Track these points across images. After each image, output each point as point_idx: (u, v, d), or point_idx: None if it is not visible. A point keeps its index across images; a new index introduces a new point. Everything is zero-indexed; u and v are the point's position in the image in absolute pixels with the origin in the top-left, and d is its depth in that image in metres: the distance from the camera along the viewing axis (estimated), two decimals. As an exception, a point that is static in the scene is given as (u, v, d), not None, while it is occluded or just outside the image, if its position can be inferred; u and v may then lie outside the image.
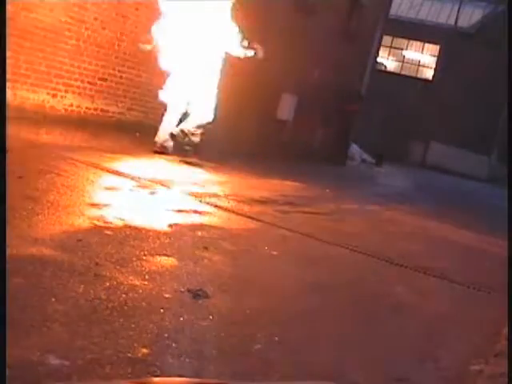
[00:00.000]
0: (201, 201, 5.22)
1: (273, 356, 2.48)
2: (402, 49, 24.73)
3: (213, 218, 4.75)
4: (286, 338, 2.72)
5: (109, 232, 3.71)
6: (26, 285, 2.57)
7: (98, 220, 3.91)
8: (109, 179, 5.40)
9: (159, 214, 4.57)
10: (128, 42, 8.94)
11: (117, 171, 5.66)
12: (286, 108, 13.49)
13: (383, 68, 24.01)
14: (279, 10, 12.24)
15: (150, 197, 5.03)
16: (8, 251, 2.30)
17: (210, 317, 2.72)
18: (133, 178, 5.49)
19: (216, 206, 5.13)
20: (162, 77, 9.62)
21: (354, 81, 16.02)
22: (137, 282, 2.96)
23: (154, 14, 9.21)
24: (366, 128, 18.53)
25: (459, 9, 23.23)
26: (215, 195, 5.64)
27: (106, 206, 4.39)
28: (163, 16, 8.12)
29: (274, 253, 4.11)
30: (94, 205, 4.34)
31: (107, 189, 5.06)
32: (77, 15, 8.05)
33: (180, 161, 7.66)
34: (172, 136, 8.15)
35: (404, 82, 22.95)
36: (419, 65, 24.66)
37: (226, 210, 5.11)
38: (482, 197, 15.38)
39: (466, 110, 22.46)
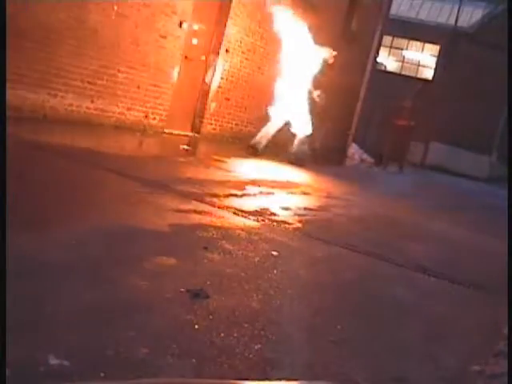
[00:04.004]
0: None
1: (273, 356, 2.48)
2: (401, 49, 24.72)
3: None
4: (285, 338, 2.73)
5: (111, 232, 3.72)
6: (26, 284, 2.57)
7: (101, 219, 3.91)
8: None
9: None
10: (128, 42, 8.95)
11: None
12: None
13: (383, 68, 24.00)
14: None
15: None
16: (8, 251, 2.30)
17: (210, 317, 2.72)
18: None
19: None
20: (163, 77, 9.65)
21: (354, 81, 16.05)
22: (137, 282, 2.96)
23: (154, 13, 9.23)
24: (366, 128, 18.56)
25: (459, 9, 23.20)
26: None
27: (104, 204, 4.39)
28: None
29: (274, 253, 4.11)
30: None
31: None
32: (77, 15, 8.05)
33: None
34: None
35: (404, 81, 22.93)
36: (419, 65, 24.64)
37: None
38: (482, 197, 15.38)
39: (466, 109, 22.45)
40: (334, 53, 11.08)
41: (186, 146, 9.56)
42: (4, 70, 3.33)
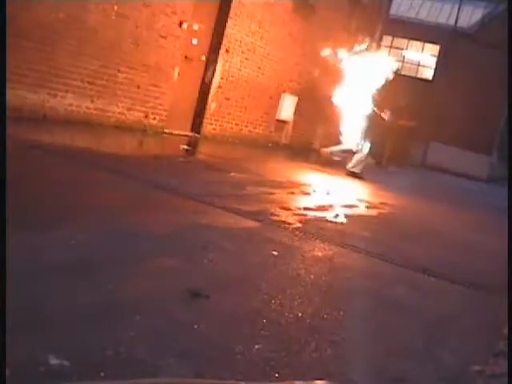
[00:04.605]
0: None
1: (273, 356, 2.48)
2: (402, 49, 24.71)
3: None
4: (286, 338, 2.72)
5: (110, 232, 3.71)
6: (26, 284, 2.57)
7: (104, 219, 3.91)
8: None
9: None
10: (128, 42, 8.95)
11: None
12: (287, 108, 13.50)
13: (383, 68, 23.96)
14: (278, 10, 12.25)
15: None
16: (8, 251, 2.29)
17: (210, 317, 2.72)
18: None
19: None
20: (163, 77, 9.64)
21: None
22: (137, 282, 2.96)
23: (154, 13, 9.23)
24: (366, 128, 18.50)
25: (459, 9, 23.19)
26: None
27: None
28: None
29: (274, 253, 4.11)
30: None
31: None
32: (77, 15, 8.05)
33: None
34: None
35: (404, 81, 22.92)
36: (419, 65, 24.64)
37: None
38: (482, 197, 15.38)
39: (466, 109, 22.44)
40: (397, 65, 11.29)
41: (186, 146, 9.57)
42: (4, 69, 3.33)
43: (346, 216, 6.39)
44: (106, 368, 2.05)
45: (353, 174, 10.67)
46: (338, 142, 11.26)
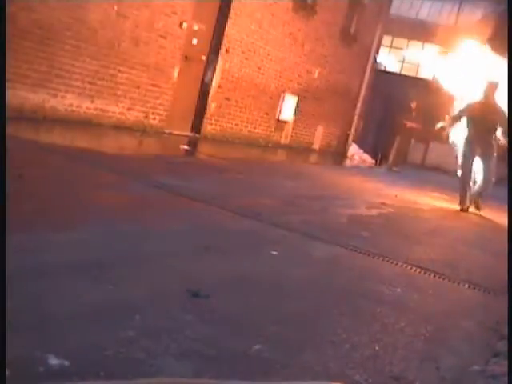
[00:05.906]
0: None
1: (273, 356, 2.48)
2: (401, 49, 24.71)
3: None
4: (286, 338, 2.72)
5: (111, 232, 3.71)
6: (26, 284, 2.57)
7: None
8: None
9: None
10: (128, 42, 8.95)
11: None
12: (287, 108, 13.51)
13: (383, 68, 23.99)
14: (278, 10, 12.27)
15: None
16: (8, 251, 2.29)
17: (210, 316, 2.72)
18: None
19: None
20: (163, 77, 9.64)
21: (354, 81, 16.06)
22: (137, 282, 2.96)
23: (154, 13, 9.23)
24: (366, 128, 18.54)
25: (459, 9, 23.20)
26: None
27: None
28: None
29: (274, 253, 4.11)
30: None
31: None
32: (77, 15, 8.05)
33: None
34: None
35: (404, 81, 22.91)
36: (419, 65, 24.63)
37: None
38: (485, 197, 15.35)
39: (466, 110, 22.41)
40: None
41: (186, 146, 9.57)
42: (4, 70, 3.33)
43: (345, 216, 6.39)
44: (105, 368, 2.05)
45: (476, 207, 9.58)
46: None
